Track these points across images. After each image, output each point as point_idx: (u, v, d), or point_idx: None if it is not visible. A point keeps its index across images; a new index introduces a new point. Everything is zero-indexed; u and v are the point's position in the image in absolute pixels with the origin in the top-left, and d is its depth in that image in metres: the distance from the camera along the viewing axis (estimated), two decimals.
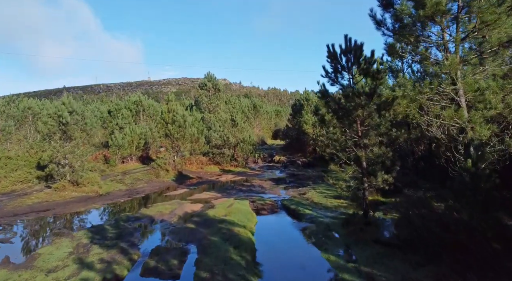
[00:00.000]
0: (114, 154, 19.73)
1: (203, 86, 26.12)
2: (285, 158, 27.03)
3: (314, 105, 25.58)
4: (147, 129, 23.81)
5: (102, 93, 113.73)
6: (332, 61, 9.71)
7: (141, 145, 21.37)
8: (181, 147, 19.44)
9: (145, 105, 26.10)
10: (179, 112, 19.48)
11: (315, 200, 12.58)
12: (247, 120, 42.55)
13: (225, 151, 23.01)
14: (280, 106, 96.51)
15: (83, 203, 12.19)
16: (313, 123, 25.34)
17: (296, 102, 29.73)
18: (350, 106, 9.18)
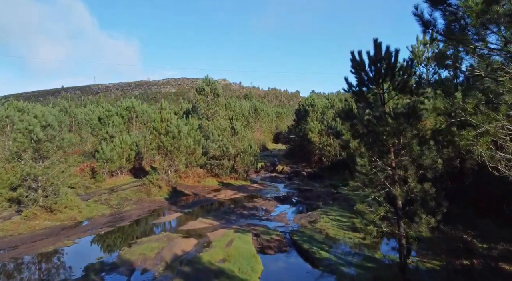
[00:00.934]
0: (101, 168, 17.70)
1: (201, 91, 24.09)
2: (288, 168, 25.02)
3: (332, 128, 23.69)
4: (140, 138, 21.81)
5: (100, 93, 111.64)
6: (357, 72, 7.69)
7: (132, 157, 19.35)
8: (175, 161, 17.41)
9: (138, 111, 24.07)
10: (173, 122, 17.46)
11: (330, 232, 10.57)
12: (248, 124, 40.63)
13: (224, 162, 21.00)
14: (280, 107, 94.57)
15: (54, 237, 10.17)
16: (319, 131, 23.33)
17: (300, 107, 27.71)
18: (384, 131, 7.13)
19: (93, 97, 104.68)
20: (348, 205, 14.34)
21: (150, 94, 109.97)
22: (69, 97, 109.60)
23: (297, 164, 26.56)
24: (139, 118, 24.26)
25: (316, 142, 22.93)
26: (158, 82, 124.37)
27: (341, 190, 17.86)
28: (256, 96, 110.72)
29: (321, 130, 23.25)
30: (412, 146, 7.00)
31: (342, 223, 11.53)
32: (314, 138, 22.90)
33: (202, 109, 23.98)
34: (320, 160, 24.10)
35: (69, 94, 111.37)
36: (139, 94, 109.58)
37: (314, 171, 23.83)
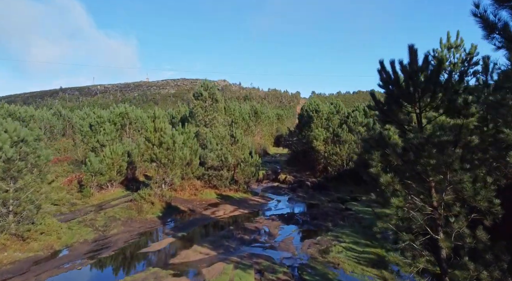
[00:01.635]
0: (89, 181, 16.14)
1: (198, 96, 22.53)
2: (291, 178, 23.48)
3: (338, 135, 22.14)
4: (133, 146, 20.26)
5: (99, 94, 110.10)
6: (387, 85, 6.19)
7: (123, 169, 17.79)
8: (169, 174, 15.86)
9: (132, 117, 22.52)
10: (167, 132, 15.91)
11: (346, 268, 9.02)
12: (248, 128, 39.13)
13: (223, 173, 19.45)
14: (281, 108, 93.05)
15: (21, 277, 8.61)
16: (324, 139, 21.78)
17: (304, 113, 26.16)
18: (425, 163, 5.58)
19: (91, 99, 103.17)
20: (361, 227, 12.82)
21: (149, 95, 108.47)
22: (67, 98, 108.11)
23: (300, 173, 25.02)
24: (133, 124, 22.70)
25: (321, 150, 21.38)
26: (157, 83, 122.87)
27: (350, 205, 16.33)
28: (256, 97, 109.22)
29: (326, 137, 21.70)
30: (462, 184, 5.47)
31: (358, 254, 9.99)
32: (319, 147, 21.35)
33: (199, 115, 22.42)
34: (325, 169, 22.56)
35: (67, 95, 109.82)
36: (137, 95, 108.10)
37: (319, 181, 22.30)
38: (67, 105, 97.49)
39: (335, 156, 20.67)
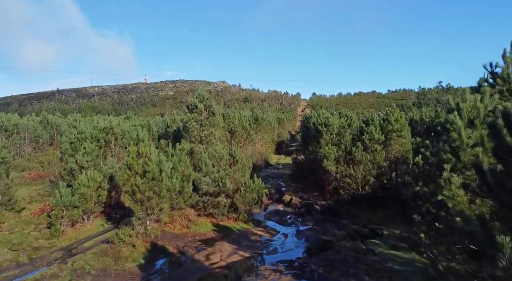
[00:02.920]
0: (58, 218, 13.32)
1: (192, 108, 19.71)
2: (298, 200, 20.68)
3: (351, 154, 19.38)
4: (117, 168, 17.45)
5: (96, 96, 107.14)
6: None
7: (103, 198, 14.98)
8: (155, 209, 13.05)
9: (117, 132, 19.67)
10: (153, 158, 13.09)
11: None
12: (248, 136, 36.35)
13: (220, 199, 16.67)
14: (281, 111, 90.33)
15: None
16: (336, 158, 18.97)
17: (311, 125, 23.34)
18: None
19: (88, 101, 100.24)
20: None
21: (147, 97, 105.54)
22: (63, 100, 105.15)
23: (307, 193, 22.23)
24: (119, 140, 19.86)
25: (333, 171, 18.56)
26: (155, 85, 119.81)
27: (372, 245, 13.51)
28: (256, 99, 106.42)
29: (338, 156, 18.89)
30: None
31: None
32: (330, 167, 18.54)
33: (194, 130, 19.60)
34: (336, 191, 19.76)
35: (63, 97, 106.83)
36: (135, 97, 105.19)
37: (329, 204, 19.52)
38: (63, 107, 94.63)
39: (349, 179, 17.87)
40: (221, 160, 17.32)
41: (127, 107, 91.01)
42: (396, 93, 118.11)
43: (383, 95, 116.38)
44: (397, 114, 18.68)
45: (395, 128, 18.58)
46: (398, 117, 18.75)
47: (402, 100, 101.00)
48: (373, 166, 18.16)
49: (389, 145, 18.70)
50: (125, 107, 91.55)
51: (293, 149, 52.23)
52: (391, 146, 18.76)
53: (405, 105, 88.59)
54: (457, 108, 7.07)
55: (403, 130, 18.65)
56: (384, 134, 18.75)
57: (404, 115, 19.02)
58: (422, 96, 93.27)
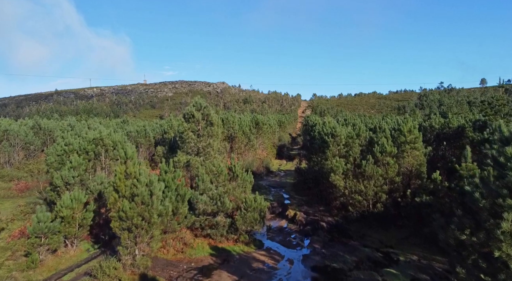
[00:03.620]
0: (35, 247, 11.76)
1: (189, 117, 18.16)
2: (302, 215, 19.13)
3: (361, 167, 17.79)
4: (107, 183, 15.93)
5: (95, 97, 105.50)
6: None
7: (88, 221, 13.42)
8: (144, 237, 11.50)
9: (108, 143, 18.09)
10: (142, 179, 11.53)
11: None
12: (249, 142, 34.81)
13: (219, 220, 15.13)
14: (282, 112, 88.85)
15: None
16: (344, 171, 17.42)
17: (315, 134, 21.77)
18: None
19: (87, 102, 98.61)
20: None
21: (146, 98, 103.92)
22: (61, 101, 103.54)
23: (312, 207, 20.68)
24: (110, 152, 18.28)
25: (341, 186, 17.01)
26: (154, 85, 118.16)
27: (390, 276, 11.95)
28: (256, 100, 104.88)
29: (346, 170, 17.34)
30: None
31: None
32: (338, 182, 16.98)
33: (191, 141, 18.04)
34: (344, 206, 18.21)
35: (61, 98, 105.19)
36: (134, 98, 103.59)
37: (337, 221, 17.98)
38: (61, 108, 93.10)
39: (359, 195, 16.32)
40: (219, 176, 15.77)
41: (125, 109, 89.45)
42: (397, 94, 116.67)
43: (384, 96, 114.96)
44: (410, 124, 17.13)
45: (408, 139, 17.03)
46: (412, 127, 17.19)
47: (404, 101, 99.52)
48: (384, 181, 16.62)
49: (402, 157, 17.15)
50: (124, 108, 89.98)
51: (295, 153, 50.71)
52: (404, 159, 17.22)
53: (407, 106, 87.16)
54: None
55: (417, 142, 17.10)
56: (396, 145, 17.22)
57: (417, 125, 17.43)
58: (424, 97, 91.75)
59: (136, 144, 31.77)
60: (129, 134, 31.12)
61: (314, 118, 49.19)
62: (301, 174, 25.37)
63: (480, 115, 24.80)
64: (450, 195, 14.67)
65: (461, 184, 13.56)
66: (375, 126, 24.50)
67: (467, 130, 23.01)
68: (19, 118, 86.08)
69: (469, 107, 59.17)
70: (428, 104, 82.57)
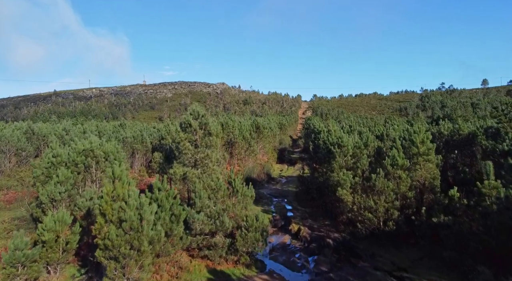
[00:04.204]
0: (11, 277, 10.48)
1: (186, 126, 16.89)
2: (307, 231, 17.88)
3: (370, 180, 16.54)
4: (97, 199, 14.64)
5: (93, 98, 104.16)
6: None
7: (73, 245, 12.14)
8: (133, 267, 10.23)
9: (99, 155, 16.83)
10: (131, 202, 10.26)
11: None
12: (249, 147, 33.54)
13: (217, 240, 13.86)
14: (282, 114, 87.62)
15: None
16: (352, 186, 16.15)
17: (320, 143, 20.50)
18: None
19: (85, 103, 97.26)
20: None
21: (145, 99, 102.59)
22: (60, 102, 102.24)
23: (316, 220, 19.43)
24: (101, 164, 17.01)
25: (349, 202, 15.75)
26: (154, 86, 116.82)
27: None
28: (256, 101, 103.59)
29: (354, 183, 16.08)
30: None
31: None
32: (346, 197, 15.72)
33: (188, 152, 16.78)
34: (351, 222, 16.94)
35: (60, 100, 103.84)
36: (133, 99, 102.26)
37: (344, 238, 16.72)
38: (59, 109, 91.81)
39: (368, 212, 15.06)
40: (218, 191, 14.50)
41: (124, 110, 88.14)
42: (398, 94, 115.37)
43: (385, 97, 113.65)
44: (423, 135, 15.86)
45: (421, 151, 15.77)
46: (425, 138, 15.93)
47: (405, 102, 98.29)
48: (396, 196, 15.36)
49: (414, 170, 15.89)
50: (123, 110, 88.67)
51: (296, 156, 49.49)
52: (416, 172, 15.96)
53: (408, 108, 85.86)
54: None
55: (430, 154, 15.84)
56: (407, 157, 15.96)
57: (430, 135, 16.17)
58: (425, 98, 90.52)
59: (132, 150, 30.55)
60: (125, 140, 29.85)
61: (315, 122, 47.95)
62: (304, 184, 24.12)
63: (493, 121, 23.46)
64: (469, 214, 13.44)
65: (484, 204, 12.36)
66: (382, 134, 23.25)
67: (480, 138, 21.77)
68: (17, 119, 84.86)
69: (473, 110, 57.97)
70: (430, 106, 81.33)
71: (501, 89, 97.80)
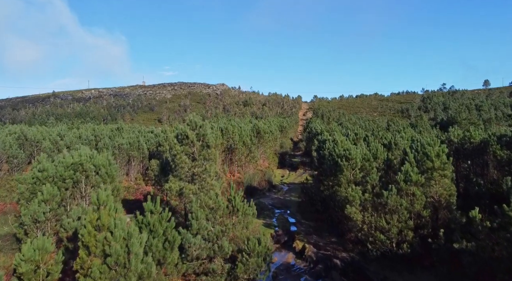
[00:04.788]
0: None
1: (183, 138, 15.63)
2: (312, 249, 16.62)
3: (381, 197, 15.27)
4: (83, 220, 13.36)
5: (92, 99, 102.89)
6: None
7: (54, 277, 10.86)
8: None
9: (89, 169, 15.55)
10: (117, 233, 9.01)
11: None
12: (250, 153, 32.29)
13: (215, 265, 12.60)
14: (282, 115, 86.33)
15: None
16: (361, 203, 14.89)
17: (325, 153, 19.22)
18: None
19: (84, 105, 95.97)
20: None
21: (144, 101, 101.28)
22: (58, 103, 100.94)
23: (322, 236, 18.18)
24: (91, 178, 15.73)
25: (358, 221, 14.49)
26: (153, 87, 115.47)
27: None
28: (256, 103, 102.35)
29: (364, 200, 14.82)
30: None
31: None
32: (355, 215, 14.46)
33: (184, 166, 15.52)
34: (360, 241, 15.67)
35: (58, 101, 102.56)
36: (132, 101, 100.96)
37: (353, 258, 15.47)
38: (57, 111, 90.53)
39: (380, 233, 13.80)
40: (217, 211, 13.23)
41: (123, 112, 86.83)
42: (399, 95, 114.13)
43: (386, 98, 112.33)
44: (439, 148, 14.60)
45: (437, 165, 14.50)
46: (440, 151, 14.67)
47: (406, 103, 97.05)
48: (409, 215, 14.10)
49: (428, 186, 14.63)
50: (121, 111, 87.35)
51: (297, 160, 48.27)
52: (430, 187, 14.70)
53: (410, 109, 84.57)
54: None
55: (446, 169, 14.58)
56: (420, 171, 14.71)
57: (446, 149, 14.91)
58: (427, 100, 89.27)
59: (128, 157, 29.28)
60: (121, 146, 28.59)
61: (317, 126, 46.70)
62: (308, 195, 22.87)
63: (506, 129, 22.18)
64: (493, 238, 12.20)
65: None
66: (389, 142, 21.99)
67: (494, 147, 20.52)
68: (15, 121, 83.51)
69: (478, 112, 56.68)
70: (432, 107, 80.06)
71: (503, 90, 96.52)
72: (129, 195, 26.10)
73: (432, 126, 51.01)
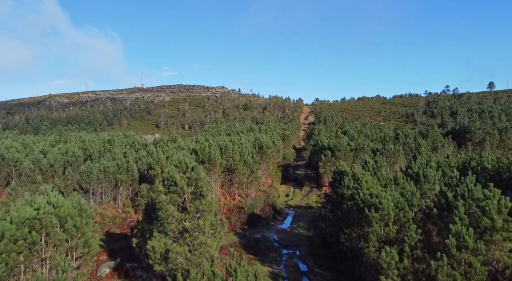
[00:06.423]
0: None
1: (170, 185, 12.10)
2: None
3: None
4: None
5: (89, 102, 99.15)
6: None
7: None
8: None
9: (49, 224, 12.01)
10: None
11: None
12: (252, 173, 28.79)
13: None
14: (283, 120, 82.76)
15: None
16: (399, 272, 11.36)
17: (344, 191, 15.66)
18: None
19: (80, 109, 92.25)
20: None
21: (142, 104, 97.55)
22: (54, 107, 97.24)
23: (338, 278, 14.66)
24: (52, 238, 12.15)
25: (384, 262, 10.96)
26: (152, 89, 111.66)
27: None
28: (256, 106, 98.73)
29: (403, 268, 11.30)
30: None
31: None
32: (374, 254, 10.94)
33: (172, 221, 11.98)
34: None
35: (54, 104, 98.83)
36: (129, 104, 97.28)
37: None
38: (52, 115, 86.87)
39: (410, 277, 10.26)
40: None
41: (120, 116, 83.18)
42: (403, 98, 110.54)
43: (388, 101, 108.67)
44: (503, 202, 11.09)
45: (498, 225, 10.98)
46: (503, 206, 11.14)
47: (410, 106, 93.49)
48: None
49: (487, 251, 11.11)
50: (118, 116, 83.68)
51: (301, 173, 44.92)
52: (488, 253, 11.19)
53: (415, 114, 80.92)
54: None
55: (511, 229, 11.05)
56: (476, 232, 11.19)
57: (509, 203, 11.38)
58: (432, 103, 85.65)
59: (115, 181, 25.76)
60: (107, 170, 25.04)
61: (323, 138, 43.23)
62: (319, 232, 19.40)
63: None
64: None
65: None
66: (417, 172, 18.51)
67: None
68: (8, 126, 79.74)
69: (491, 120, 53.12)
70: (438, 112, 76.48)
71: (510, 93, 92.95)
72: (115, 227, 22.61)
73: (443, 135, 47.43)
